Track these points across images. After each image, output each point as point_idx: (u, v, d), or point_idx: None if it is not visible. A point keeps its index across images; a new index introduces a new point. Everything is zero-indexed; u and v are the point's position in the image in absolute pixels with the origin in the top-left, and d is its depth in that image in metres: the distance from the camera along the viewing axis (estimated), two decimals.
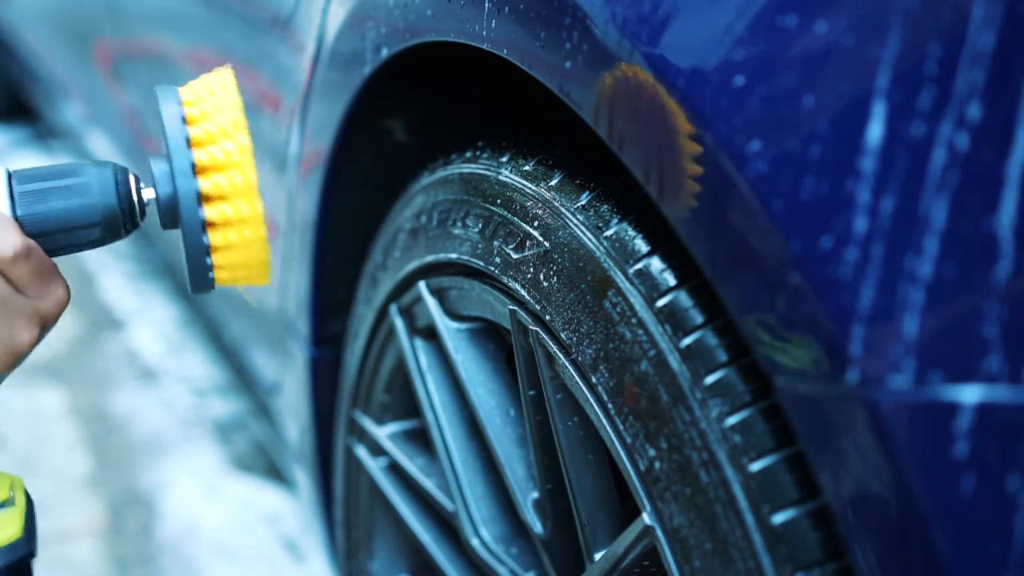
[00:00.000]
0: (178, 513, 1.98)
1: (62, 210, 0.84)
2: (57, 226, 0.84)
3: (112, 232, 0.86)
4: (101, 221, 0.85)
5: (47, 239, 0.84)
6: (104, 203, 0.85)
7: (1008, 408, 0.62)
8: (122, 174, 0.86)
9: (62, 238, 0.85)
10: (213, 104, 0.86)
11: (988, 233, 0.62)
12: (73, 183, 0.85)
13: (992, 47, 0.62)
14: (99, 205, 0.85)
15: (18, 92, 3.59)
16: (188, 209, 0.84)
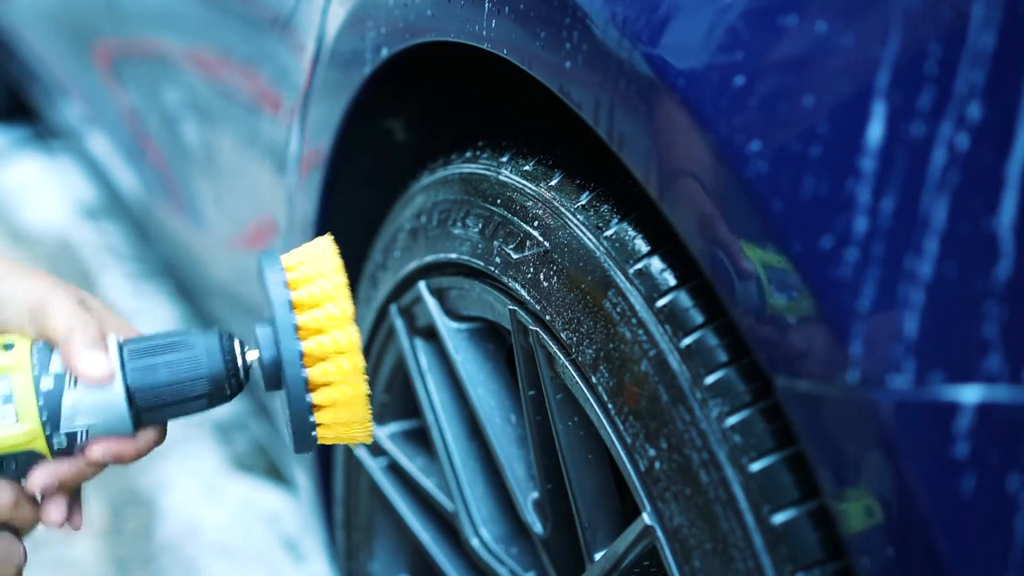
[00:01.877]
0: (178, 513, 1.98)
1: (173, 384, 0.86)
2: (166, 400, 0.87)
3: (218, 398, 0.89)
4: (208, 392, 0.88)
5: (155, 413, 0.87)
6: (211, 374, 0.87)
7: (1008, 408, 0.62)
8: (228, 341, 0.89)
9: (169, 411, 0.87)
10: (314, 268, 0.89)
11: (988, 233, 0.62)
12: (183, 358, 0.87)
13: (992, 47, 0.62)
14: (207, 376, 0.87)
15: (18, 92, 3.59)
16: (292, 369, 0.86)
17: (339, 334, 0.87)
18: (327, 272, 0.89)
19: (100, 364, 0.83)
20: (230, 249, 1.81)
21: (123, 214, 2.98)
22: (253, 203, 1.61)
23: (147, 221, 2.49)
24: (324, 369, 0.87)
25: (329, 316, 0.87)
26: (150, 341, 0.87)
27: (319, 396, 0.87)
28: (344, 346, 0.87)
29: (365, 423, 0.90)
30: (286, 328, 0.86)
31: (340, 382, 0.87)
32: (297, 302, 0.87)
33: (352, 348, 0.87)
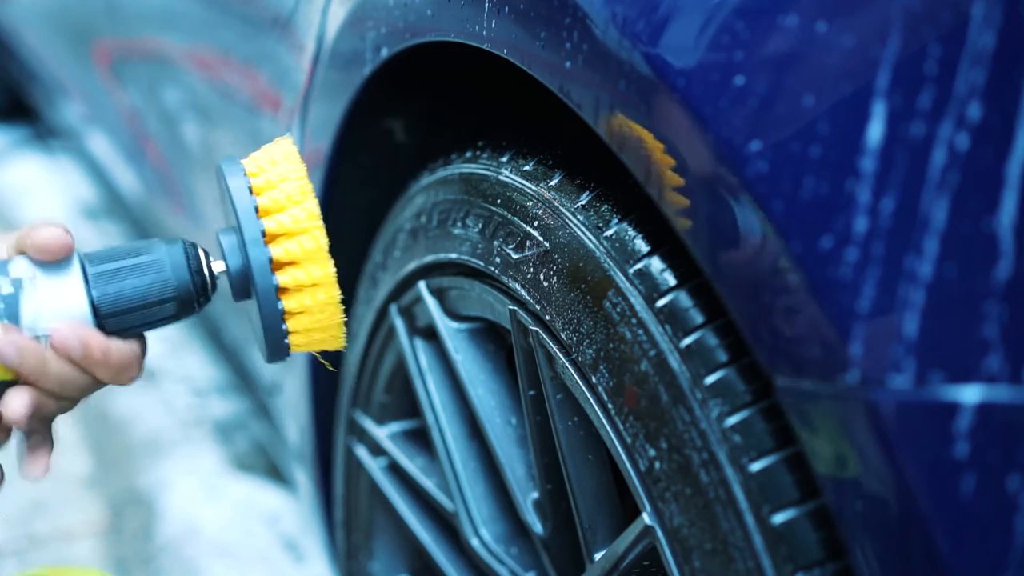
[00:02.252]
0: (178, 513, 1.98)
1: (136, 288, 0.85)
2: (132, 304, 0.85)
3: (186, 307, 0.87)
4: (175, 296, 0.86)
5: (123, 318, 0.85)
6: (177, 278, 0.86)
7: (1008, 408, 0.62)
8: (192, 248, 0.88)
9: (137, 316, 0.86)
10: (277, 173, 0.87)
11: (988, 233, 0.62)
12: (145, 261, 0.86)
13: (992, 47, 0.62)
14: (172, 281, 0.86)
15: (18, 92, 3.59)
16: (262, 277, 0.85)
17: (306, 239, 0.85)
18: (290, 175, 0.87)
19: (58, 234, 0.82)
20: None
21: (123, 214, 2.98)
22: None
23: (147, 221, 2.49)
24: (294, 275, 0.86)
25: (295, 220, 0.86)
26: (112, 251, 0.86)
27: (290, 303, 0.86)
28: (312, 251, 0.85)
29: (338, 329, 0.89)
30: (253, 235, 0.85)
31: (311, 287, 0.86)
32: (262, 207, 0.86)
33: (320, 252, 0.86)
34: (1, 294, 0.81)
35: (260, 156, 0.89)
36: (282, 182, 0.87)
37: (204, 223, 1.94)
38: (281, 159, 0.88)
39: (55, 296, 0.82)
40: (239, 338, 1.87)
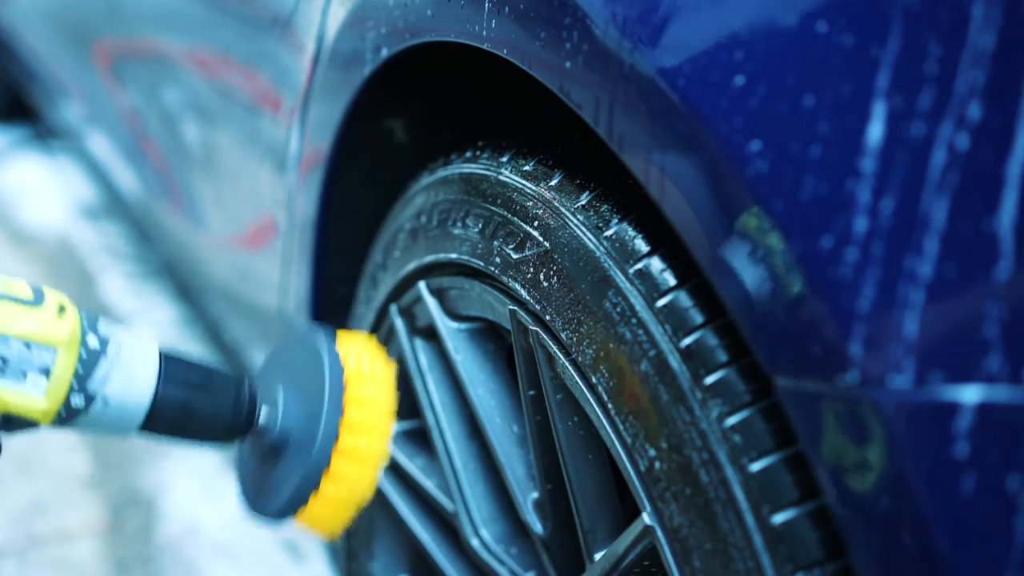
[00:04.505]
0: (178, 513, 1.98)
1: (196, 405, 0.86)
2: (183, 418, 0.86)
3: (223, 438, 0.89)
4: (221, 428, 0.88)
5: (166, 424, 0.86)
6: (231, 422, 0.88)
7: (1008, 408, 0.62)
8: (254, 396, 0.89)
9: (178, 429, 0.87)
10: (371, 393, 0.90)
11: (988, 233, 0.62)
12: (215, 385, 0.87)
13: (992, 47, 0.62)
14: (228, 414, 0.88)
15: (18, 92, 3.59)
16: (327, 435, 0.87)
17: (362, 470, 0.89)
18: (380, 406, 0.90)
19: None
20: (230, 249, 1.81)
21: (123, 214, 2.98)
22: (253, 203, 1.61)
23: (147, 221, 2.49)
24: (344, 449, 0.88)
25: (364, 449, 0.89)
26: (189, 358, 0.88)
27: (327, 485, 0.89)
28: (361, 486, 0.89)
29: (338, 527, 0.92)
30: (331, 427, 0.87)
31: (346, 482, 0.89)
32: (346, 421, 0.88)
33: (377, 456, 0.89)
34: (87, 345, 0.82)
35: (352, 346, 0.92)
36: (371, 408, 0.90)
37: (204, 223, 1.94)
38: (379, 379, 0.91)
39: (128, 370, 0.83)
40: (239, 338, 1.87)
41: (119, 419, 0.84)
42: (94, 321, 0.84)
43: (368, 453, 0.88)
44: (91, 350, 0.82)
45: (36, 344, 0.80)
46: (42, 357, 0.81)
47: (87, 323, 0.83)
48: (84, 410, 0.83)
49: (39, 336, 0.80)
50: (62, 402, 0.82)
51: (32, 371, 0.80)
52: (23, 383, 0.80)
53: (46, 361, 0.81)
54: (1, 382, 0.80)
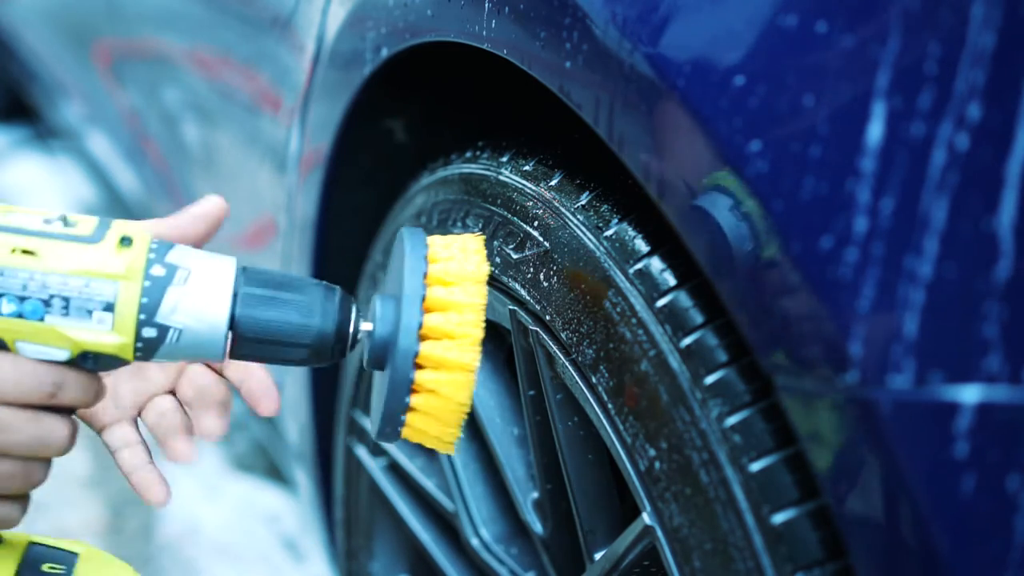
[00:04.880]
0: (178, 513, 1.98)
1: (277, 323, 0.82)
2: (267, 336, 0.83)
3: (318, 357, 0.85)
4: (310, 344, 0.83)
5: (253, 345, 0.83)
6: (321, 328, 0.83)
7: (1008, 408, 0.62)
8: (345, 301, 0.85)
9: (267, 349, 0.83)
10: (455, 251, 0.85)
11: (988, 233, 0.62)
12: (297, 299, 0.83)
13: (992, 47, 0.62)
14: (315, 329, 0.83)
15: (18, 92, 3.59)
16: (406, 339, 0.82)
17: (458, 344, 0.83)
18: (468, 258, 0.85)
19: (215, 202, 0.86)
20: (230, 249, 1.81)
21: (123, 214, 2.98)
22: (253, 203, 1.61)
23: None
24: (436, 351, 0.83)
25: (458, 301, 0.83)
26: (270, 275, 0.84)
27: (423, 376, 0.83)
28: (463, 337, 0.83)
29: (452, 433, 0.86)
30: (412, 296, 0.82)
31: (448, 371, 0.83)
32: (431, 276, 0.84)
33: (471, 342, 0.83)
34: (152, 274, 0.80)
35: (447, 239, 0.88)
36: (458, 261, 0.85)
37: None
38: (464, 245, 0.87)
39: (200, 297, 0.80)
40: None
41: (199, 345, 0.81)
42: (165, 249, 0.81)
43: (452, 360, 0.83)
44: (156, 279, 0.79)
45: (95, 279, 0.78)
46: (102, 291, 0.79)
47: (156, 252, 0.81)
48: (161, 341, 0.80)
49: (96, 272, 0.78)
50: (134, 335, 0.80)
51: (96, 308, 0.79)
52: (88, 321, 0.79)
53: (107, 296, 0.79)
54: (67, 322, 0.78)
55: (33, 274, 0.78)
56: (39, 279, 0.78)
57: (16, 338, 0.79)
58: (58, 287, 0.78)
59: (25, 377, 0.79)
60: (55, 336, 0.79)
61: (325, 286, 0.85)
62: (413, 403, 0.84)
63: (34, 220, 0.80)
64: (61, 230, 0.80)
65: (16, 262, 0.78)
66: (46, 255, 0.78)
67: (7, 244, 0.78)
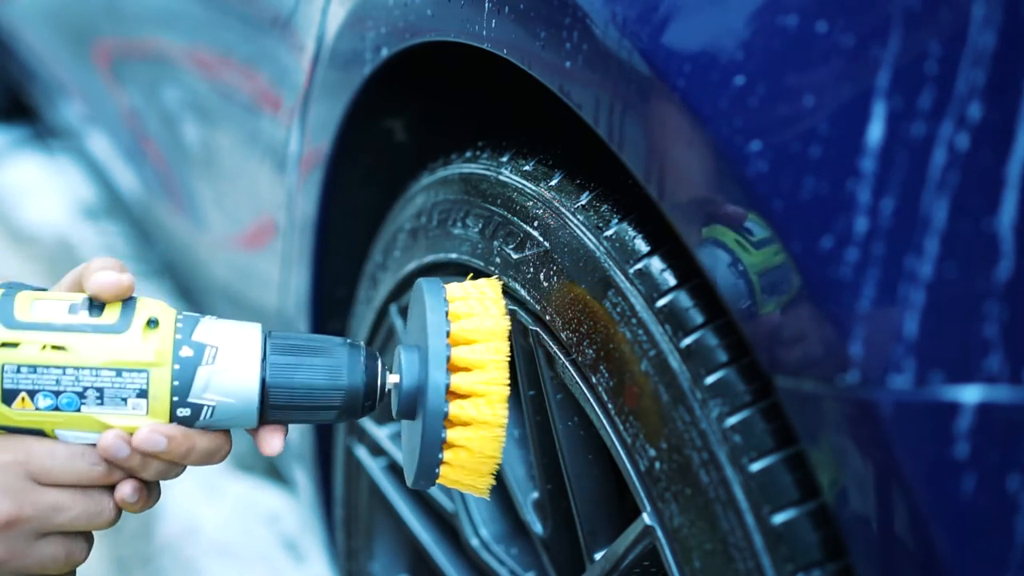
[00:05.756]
0: (178, 513, 1.98)
1: (308, 389, 0.84)
2: (299, 403, 0.85)
3: (348, 415, 0.87)
4: (340, 406, 0.85)
5: (284, 412, 0.85)
6: (350, 388, 0.85)
7: (1008, 408, 0.62)
8: (371, 359, 0.87)
9: (298, 414, 0.86)
10: (477, 306, 0.88)
11: (989, 233, 0.62)
12: (324, 363, 0.85)
13: (993, 47, 0.62)
14: (344, 390, 0.85)
15: (18, 92, 3.59)
16: (435, 398, 0.85)
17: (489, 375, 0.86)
18: (490, 314, 0.88)
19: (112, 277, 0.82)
20: (230, 249, 1.81)
21: (123, 214, 2.98)
22: (253, 203, 1.61)
23: (147, 221, 2.49)
24: (466, 408, 0.86)
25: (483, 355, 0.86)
26: (296, 340, 0.86)
27: (453, 434, 0.86)
28: (491, 391, 0.86)
29: (486, 478, 0.88)
30: (438, 356, 0.85)
31: (478, 426, 0.86)
32: (453, 334, 0.86)
33: (499, 394, 0.86)
34: (181, 356, 0.82)
35: (465, 287, 0.90)
36: (480, 317, 0.87)
37: (204, 223, 1.94)
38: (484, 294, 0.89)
39: (229, 373, 0.82)
40: None
41: (233, 418, 0.84)
42: (192, 325, 0.83)
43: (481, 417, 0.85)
44: (185, 361, 0.81)
45: (125, 369, 0.81)
46: (135, 381, 0.81)
47: (182, 332, 0.83)
48: (195, 418, 0.83)
49: (125, 362, 0.80)
50: (168, 417, 0.82)
51: (130, 396, 0.81)
52: (124, 408, 0.81)
53: (140, 383, 0.81)
54: (103, 410, 0.81)
55: (65, 369, 0.80)
56: (72, 374, 0.80)
57: (55, 427, 0.82)
58: (91, 380, 0.80)
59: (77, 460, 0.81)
60: (92, 423, 0.81)
61: (351, 345, 0.87)
62: (445, 458, 0.86)
63: (60, 310, 0.81)
64: (87, 320, 0.81)
65: (48, 359, 0.80)
66: (76, 349, 0.80)
67: (38, 341, 0.80)
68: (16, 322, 0.80)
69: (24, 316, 0.81)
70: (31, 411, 0.80)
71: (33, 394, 0.80)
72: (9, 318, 0.80)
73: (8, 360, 0.79)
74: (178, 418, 0.82)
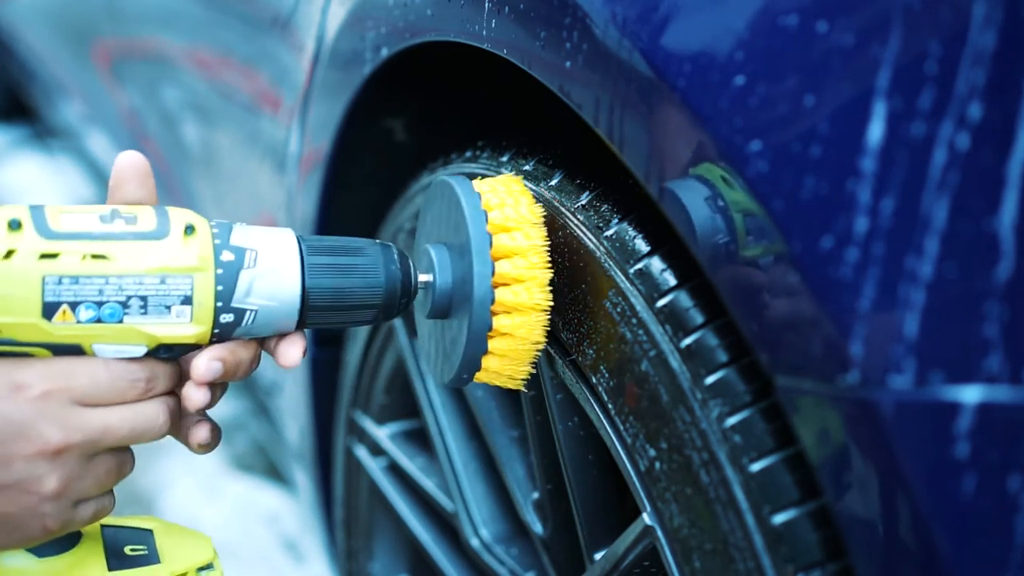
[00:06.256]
0: (178, 513, 1.98)
1: (348, 289, 0.83)
2: (340, 303, 0.83)
3: (385, 314, 0.86)
4: (379, 304, 0.84)
5: (325, 314, 0.83)
6: (387, 287, 0.84)
7: (1009, 408, 0.62)
8: (403, 257, 0.86)
9: (339, 315, 0.84)
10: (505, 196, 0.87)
11: (989, 233, 0.62)
12: (361, 263, 0.84)
13: (993, 47, 0.62)
14: (382, 288, 0.84)
15: (18, 92, 3.59)
16: (481, 289, 0.83)
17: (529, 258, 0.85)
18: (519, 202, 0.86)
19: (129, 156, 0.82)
20: None
21: None
22: (253, 203, 1.61)
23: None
24: (509, 295, 0.85)
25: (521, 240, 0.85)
26: (330, 243, 0.84)
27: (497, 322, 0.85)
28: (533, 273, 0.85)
29: (524, 369, 0.87)
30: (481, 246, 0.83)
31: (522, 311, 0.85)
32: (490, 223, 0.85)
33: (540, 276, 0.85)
34: (222, 260, 0.80)
35: (489, 182, 0.89)
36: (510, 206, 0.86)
37: None
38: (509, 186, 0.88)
39: (270, 276, 0.81)
40: None
41: (274, 322, 0.82)
42: (227, 231, 0.81)
43: (526, 302, 0.85)
44: (227, 265, 0.79)
45: (169, 275, 0.78)
46: (179, 287, 0.78)
47: (219, 237, 0.81)
48: (238, 324, 0.81)
49: (170, 268, 0.78)
50: (212, 323, 0.80)
51: (174, 303, 0.78)
52: (168, 316, 0.79)
53: (184, 290, 0.78)
54: (146, 320, 0.78)
55: (108, 278, 0.77)
56: (115, 283, 0.78)
57: (94, 341, 0.79)
58: (134, 288, 0.78)
59: (119, 379, 0.80)
60: (134, 334, 0.79)
61: (381, 244, 0.85)
62: (490, 347, 0.85)
63: (92, 220, 0.79)
64: (125, 228, 0.79)
65: (90, 269, 0.77)
66: (119, 257, 0.78)
67: (77, 251, 0.77)
68: (52, 232, 0.77)
69: (59, 226, 0.77)
70: (72, 324, 0.77)
71: (75, 306, 0.77)
72: (44, 228, 0.77)
73: (49, 272, 0.76)
74: (221, 324, 0.80)
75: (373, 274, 0.84)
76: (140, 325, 0.79)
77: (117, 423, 0.80)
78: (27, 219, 0.77)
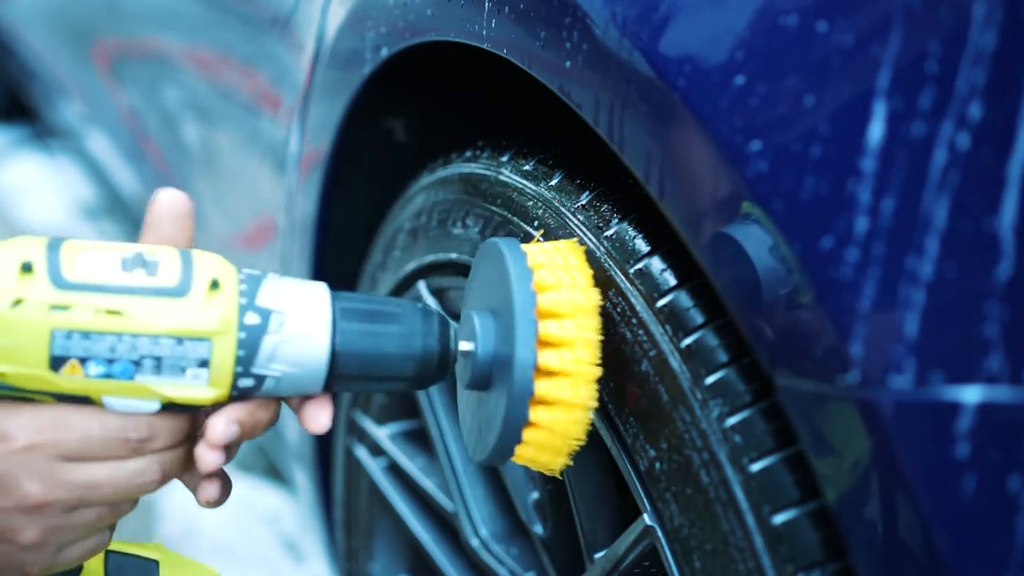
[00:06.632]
0: (178, 513, 1.97)
1: (379, 357, 0.77)
2: (368, 373, 0.78)
3: (417, 384, 0.80)
4: (412, 376, 0.79)
5: (352, 382, 0.78)
6: (424, 357, 0.78)
7: (1009, 408, 0.62)
8: (443, 325, 0.80)
9: (368, 384, 0.79)
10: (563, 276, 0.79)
11: (989, 233, 0.62)
12: (398, 331, 0.78)
13: (993, 46, 0.62)
14: (418, 359, 0.78)
15: (18, 92, 3.59)
16: (522, 378, 0.76)
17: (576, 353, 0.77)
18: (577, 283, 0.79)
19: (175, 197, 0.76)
20: (230, 249, 1.81)
21: (123, 214, 2.98)
22: (253, 203, 1.61)
23: None
24: (550, 386, 0.77)
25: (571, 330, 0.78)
26: (367, 304, 0.78)
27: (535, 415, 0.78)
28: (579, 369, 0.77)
29: (563, 457, 0.80)
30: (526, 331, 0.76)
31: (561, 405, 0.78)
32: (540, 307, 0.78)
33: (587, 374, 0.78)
34: (246, 324, 0.74)
35: (548, 252, 0.81)
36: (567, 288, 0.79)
37: (204, 223, 1.94)
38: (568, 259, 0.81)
39: (297, 342, 0.75)
40: None
41: (298, 386, 0.77)
42: (255, 286, 0.75)
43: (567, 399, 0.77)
44: (251, 329, 0.74)
45: (188, 339, 0.73)
46: (196, 350, 0.73)
47: (246, 295, 0.75)
48: (257, 388, 0.76)
49: (188, 331, 0.73)
50: (230, 387, 0.75)
51: (190, 365, 0.74)
52: (182, 377, 0.74)
53: (202, 353, 0.73)
54: (159, 379, 0.74)
55: (122, 336, 0.73)
56: (128, 341, 0.73)
57: (103, 394, 0.74)
58: (148, 348, 0.73)
59: (112, 436, 0.75)
60: (145, 392, 0.75)
61: (423, 310, 0.80)
62: (525, 437, 0.79)
63: (112, 267, 0.73)
64: (145, 281, 0.73)
65: (103, 324, 0.72)
66: (135, 314, 0.73)
67: (91, 305, 0.72)
68: (65, 281, 0.72)
69: (73, 274, 0.72)
70: (80, 378, 0.73)
71: (84, 361, 0.72)
72: (57, 275, 0.72)
73: (59, 325, 0.71)
74: (239, 388, 0.75)
75: (409, 344, 0.78)
76: (152, 384, 0.74)
77: (105, 480, 0.75)
78: (41, 262, 0.72)
